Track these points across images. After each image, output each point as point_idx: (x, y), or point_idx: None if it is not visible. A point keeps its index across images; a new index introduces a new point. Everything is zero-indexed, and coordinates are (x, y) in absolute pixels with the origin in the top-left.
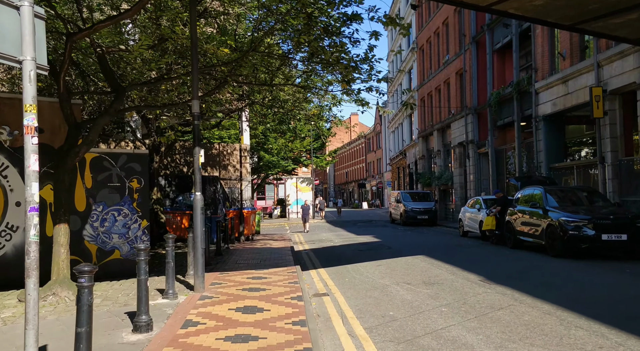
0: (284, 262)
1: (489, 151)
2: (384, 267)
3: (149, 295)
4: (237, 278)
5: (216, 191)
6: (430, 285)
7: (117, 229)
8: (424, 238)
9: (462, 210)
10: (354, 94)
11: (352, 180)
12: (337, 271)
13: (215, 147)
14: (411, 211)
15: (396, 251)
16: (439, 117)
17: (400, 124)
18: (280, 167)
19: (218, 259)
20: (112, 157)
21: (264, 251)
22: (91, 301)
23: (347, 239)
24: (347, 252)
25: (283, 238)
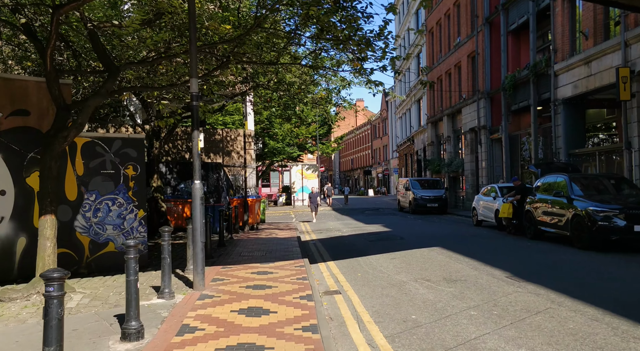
0: (291, 254)
1: (502, 136)
2: (398, 260)
3: (144, 293)
4: (240, 274)
5: (219, 179)
6: (453, 282)
7: (112, 219)
8: (436, 228)
9: (475, 198)
10: (366, 74)
11: (357, 167)
12: (348, 265)
13: (219, 133)
14: (420, 199)
15: (409, 242)
16: (449, 102)
17: (408, 110)
18: (286, 153)
19: (221, 251)
20: (105, 142)
21: (269, 241)
22: (62, 314)
23: (356, 228)
24: (357, 243)
25: (289, 227)
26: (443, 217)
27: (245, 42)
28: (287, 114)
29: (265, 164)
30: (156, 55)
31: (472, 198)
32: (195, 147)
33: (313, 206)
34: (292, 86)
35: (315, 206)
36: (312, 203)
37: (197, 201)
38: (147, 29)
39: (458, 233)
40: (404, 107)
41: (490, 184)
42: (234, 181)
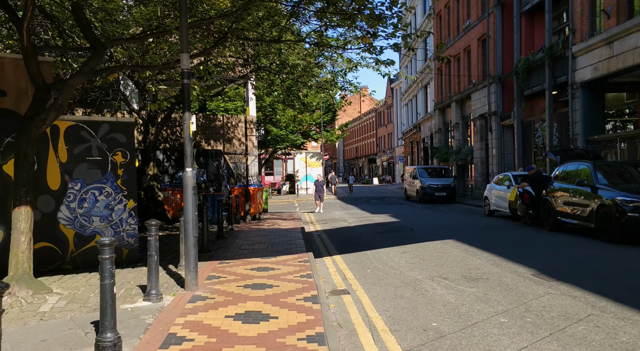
0: (295, 247)
1: (514, 123)
2: (410, 254)
3: (129, 294)
4: (239, 270)
5: (219, 166)
6: (474, 281)
7: (99, 211)
8: (446, 218)
9: (487, 187)
10: (376, 53)
11: (362, 155)
12: (356, 259)
13: (219, 119)
14: (428, 187)
15: (420, 234)
16: (458, 88)
17: (414, 97)
18: (289, 141)
19: (219, 243)
20: (91, 126)
21: (271, 232)
22: None
23: (362, 218)
24: (365, 234)
25: (292, 217)
26: (452, 206)
27: (244, 17)
28: (290, 100)
29: (268, 152)
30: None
31: (482, 186)
32: (186, 131)
33: (318, 195)
34: (296, 69)
35: (321, 195)
36: (318, 192)
37: (189, 190)
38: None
39: (471, 224)
40: (410, 94)
41: (504, 173)
42: (235, 169)
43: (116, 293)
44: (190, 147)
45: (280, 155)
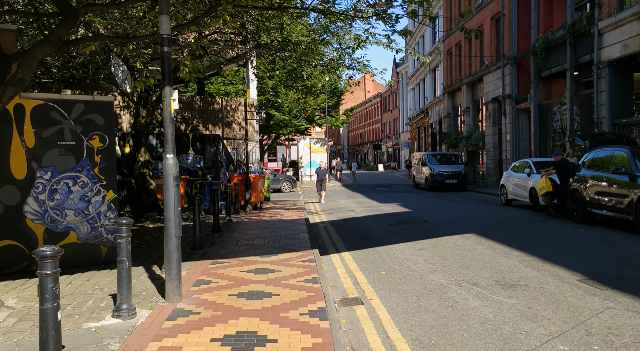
0: (298, 243)
1: (530, 106)
2: (428, 252)
3: (96, 307)
4: (233, 272)
5: (218, 152)
6: (511, 289)
7: (72, 203)
8: (460, 208)
9: (504, 175)
10: (391, 22)
11: (366, 141)
12: (367, 258)
13: (218, 102)
14: (438, 174)
15: (435, 227)
16: (469, 71)
17: (421, 80)
18: (293, 126)
19: (215, 238)
20: (62, 106)
21: (273, 224)
22: None
23: (370, 208)
24: (375, 227)
25: (296, 206)
26: (464, 195)
27: None
28: (292, 81)
29: (271, 138)
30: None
31: (494, 173)
32: (167, 109)
33: (320, 184)
34: (299, 46)
35: (323, 184)
36: (320, 180)
37: (170, 181)
38: None
39: (489, 215)
40: (417, 78)
41: (523, 159)
42: (236, 155)
43: (83, 306)
44: (172, 128)
45: (283, 141)
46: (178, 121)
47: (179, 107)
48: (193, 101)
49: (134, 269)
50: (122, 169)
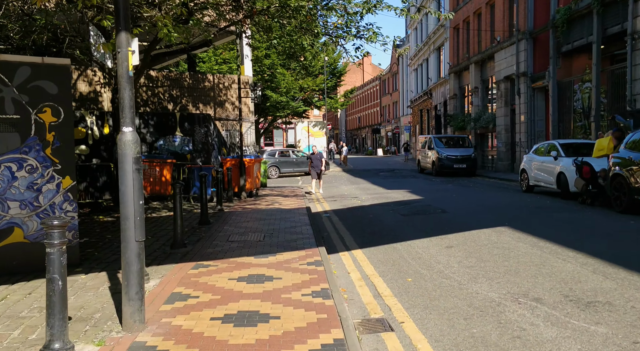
0: (300, 238)
1: (548, 84)
2: (459, 251)
3: (24, 340)
4: (220, 281)
5: (208, 134)
6: (590, 309)
7: (17, 193)
8: (478, 195)
9: (525, 159)
10: None
11: (365, 125)
12: (385, 258)
13: (209, 80)
14: (446, 159)
15: (457, 218)
16: (478, 48)
17: (424, 60)
18: (290, 108)
19: (202, 232)
20: (1, 69)
21: (270, 215)
22: None
23: (376, 195)
24: (386, 217)
25: (295, 193)
26: (475, 181)
27: None
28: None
29: (267, 121)
30: None
31: (505, 157)
32: (123, 64)
33: (315, 171)
34: (299, 13)
35: (319, 171)
36: (314, 167)
37: (128, 165)
38: None
39: (514, 204)
40: (419, 58)
41: (548, 141)
42: (229, 137)
43: (4, 338)
44: (130, 91)
45: (280, 124)
46: (165, 99)
47: (168, 84)
48: (182, 77)
49: (95, 277)
50: (100, 152)
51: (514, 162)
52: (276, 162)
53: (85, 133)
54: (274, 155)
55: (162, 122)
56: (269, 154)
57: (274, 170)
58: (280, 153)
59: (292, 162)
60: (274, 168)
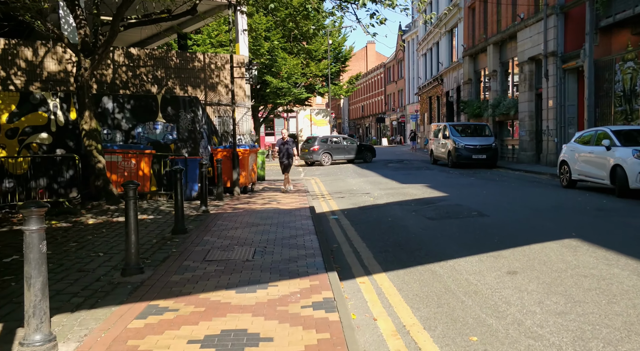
0: (302, 257)
1: (583, 64)
2: (530, 280)
3: None
4: (175, 342)
5: (196, 120)
6: None
7: None
8: (512, 192)
9: (565, 149)
10: None
11: (368, 114)
12: (425, 292)
13: (199, 59)
14: (464, 148)
15: (502, 224)
16: (497, 27)
17: (434, 44)
18: (291, 95)
19: (173, 245)
20: None
21: (265, 218)
22: None
23: (391, 190)
24: (409, 221)
25: (296, 187)
26: (498, 173)
27: None
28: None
29: (267, 109)
30: None
31: (529, 147)
32: None
33: (284, 163)
34: None
35: (286, 162)
36: (283, 158)
37: None
38: None
39: (564, 204)
40: (429, 42)
41: (596, 128)
42: (222, 125)
43: None
44: None
45: (281, 112)
46: (148, 81)
47: (152, 64)
48: (167, 56)
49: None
50: (66, 141)
51: (539, 152)
52: (329, 149)
53: (47, 118)
54: (326, 142)
55: (140, 106)
56: (321, 141)
57: (326, 157)
58: (332, 140)
59: (343, 149)
60: (326, 155)
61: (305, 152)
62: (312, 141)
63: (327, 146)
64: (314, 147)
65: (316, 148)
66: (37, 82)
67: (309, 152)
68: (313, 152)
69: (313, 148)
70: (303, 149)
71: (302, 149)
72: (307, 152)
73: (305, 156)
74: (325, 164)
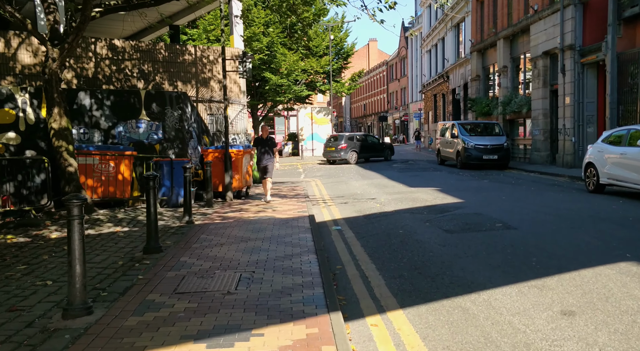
0: (298, 287)
1: (605, 57)
2: (596, 328)
3: None
4: None
5: (184, 118)
6: None
7: None
8: (534, 197)
9: (591, 150)
10: None
11: (371, 113)
12: (458, 343)
13: (190, 52)
14: (474, 149)
15: (535, 239)
16: (508, 21)
17: (440, 40)
18: (292, 93)
19: (142, 268)
20: None
21: (257, 230)
22: None
23: (398, 195)
24: (424, 234)
25: (295, 191)
26: (511, 175)
27: None
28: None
29: (266, 107)
30: None
31: (543, 147)
32: None
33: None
34: None
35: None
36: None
37: None
38: None
39: (598, 213)
40: (434, 38)
41: (628, 126)
42: (215, 123)
43: None
44: None
45: (281, 111)
46: (134, 75)
47: (138, 57)
48: (155, 49)
49: None
50: (37, 141)
51: (554, 153)
52: (355, 148)
53: (15, 116)
54: (352, 139)
55: (122, 103)
56: (348, 139)
57: (353, 155)
58: (357, 138)
59: (368, 146)
60: (353, 153)
61: (332, 150)
62: (338, 139)
63: (354, 144)
64: (342, 145)
65: (344, 146)
66: (9, 76)
67: (336, 151)
68: (341, 150)
69: (341, 146)
70: (328, 148)
71: (327, 147)
72: (334, 151)
73: (331, 155)
74: (352, 162)
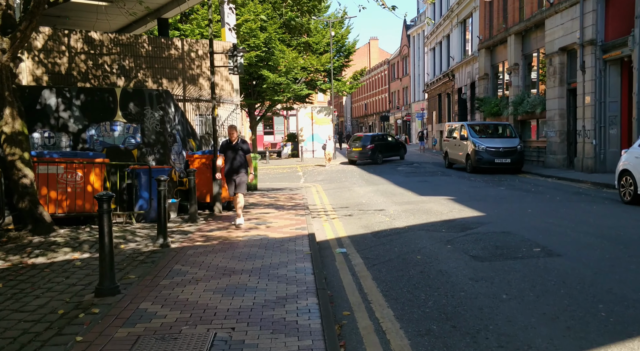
0: None
1: (632, 53)
2: None
3: None
4: None
5: (166, 120)
6: None
7: None
8: (564, 210)
9: (626, 156)
10: None
11: (372, 113)
12: None
13: (176, 46)
14: (485, 151)
15: (588, 271)
16: (519, 15)
17: (444, 37)
18: (291, 92)
19: (86, 320)
20: None
21: (245, 257)
22: None
23: (409, 205)
24: (448, 262)
25: (294, 200)
26: (528, 180)
27: None
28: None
29: (264, 106)
30: None
31: (559, 150)
32: None
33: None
34: None
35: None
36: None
37: None
38: None
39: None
40: (438, 35)
41: None
42: (204, 124)
43: None
44: None
45: (280, 110)
46: (113, 72)
47: (118, 52)
48: (138, 42)
49: None
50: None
51: (571, 156)
52: (379, 148)
53: None
54: (375, 139)
55: (94, 103)
56: (373, 139)
57: (380, 155)
58: (379, 138)
59: (389, 146)
60: (379, 153)
61: (359, 151)
62: (362, 139)
63: (377, 144)
64: (369, 145)
65: (372, 146)
66: None
67: (364, 151)
68: (369, 150)
69: (369, 146)
70: (354, 148)
71: (352, 148)
72: (362, 151)
73: (358, 155)
74: (379, 162)
